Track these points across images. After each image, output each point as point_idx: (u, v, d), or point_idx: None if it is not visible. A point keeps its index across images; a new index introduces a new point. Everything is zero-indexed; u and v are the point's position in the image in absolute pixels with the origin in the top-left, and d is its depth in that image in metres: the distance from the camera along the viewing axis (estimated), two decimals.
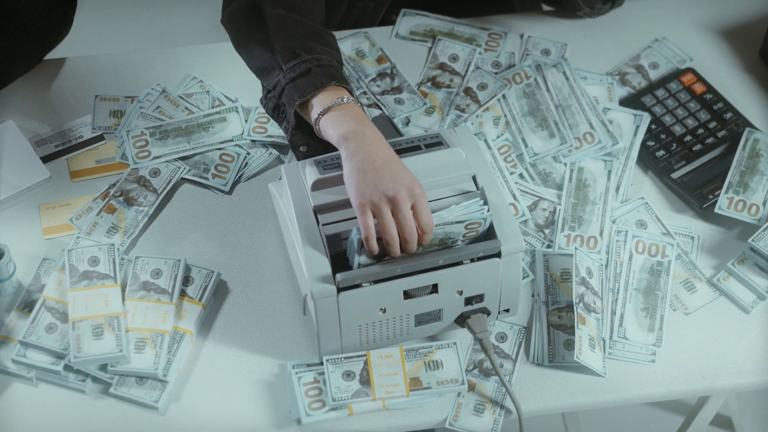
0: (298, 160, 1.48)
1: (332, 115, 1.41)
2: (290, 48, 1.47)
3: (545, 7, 1.97)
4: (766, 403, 2.37)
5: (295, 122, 1.48)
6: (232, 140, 1.67)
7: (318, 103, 1.43)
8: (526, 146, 1.68)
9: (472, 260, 1.39)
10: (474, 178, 1.44)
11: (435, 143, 1.47)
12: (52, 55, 1.80)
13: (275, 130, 1.68)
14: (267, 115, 1.69)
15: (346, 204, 1.40)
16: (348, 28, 1.88)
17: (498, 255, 1.39)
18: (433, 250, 1.38)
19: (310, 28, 1.51)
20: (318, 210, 1.40)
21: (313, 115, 1.43)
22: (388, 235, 1.34)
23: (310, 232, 1.39)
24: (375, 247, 1.34)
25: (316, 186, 1.41)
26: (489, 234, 1.40)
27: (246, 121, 1.69)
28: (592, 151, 1.66)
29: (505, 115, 1.72)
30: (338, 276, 1.35)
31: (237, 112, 1.70)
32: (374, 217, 1.34)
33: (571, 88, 1.74)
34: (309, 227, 1.39)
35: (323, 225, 1.39)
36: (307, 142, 1.50)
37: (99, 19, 2.79)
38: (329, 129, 1.40)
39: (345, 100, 1.42)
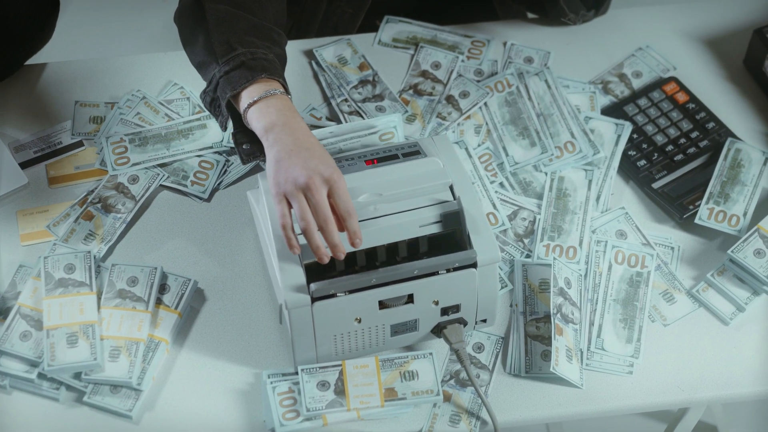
0: (242, 160, 1.49)
1: (258, 107, 1.41)
2: (227, 42, 1.46)
3: (529, 15, 1.97)
4: (752, 412, 2.37)
5: (230, 116, 1.48)
6: (211, 147, 1.67)
7: (247, 95, 1.43)
8: (507, 155, 1.67)
9: (447, 270, 1.39)
10: (451, 188, 1.43)
11: (412, 152, 1.46)
12: (32, 60, 1.79)
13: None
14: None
15: None
16: (328, 34, 1.88)
17: (474, 265, 1.39)
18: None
19: (252, 24, 1.50)
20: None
21: (242, 107, 1.43)
22: (302, 221, 1.34)
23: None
24: (291, 236, 1.35)
25: None
26: (465, 244, 1.39)
27: (226, 129, 1.68)
28: (572, 160, 1.66)
29: (487, 124, 1.72)
30: (313, 285, 1.35)
31: None
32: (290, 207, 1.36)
33: (552, 97, 1.73)
34: None
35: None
36: (250, 141, 1.49)
37: (80, 25, 2.78)
38: (254, 121, 1.41)
39: (273, 92, 1.42)
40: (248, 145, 1.49)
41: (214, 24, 1.49)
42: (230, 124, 1.51)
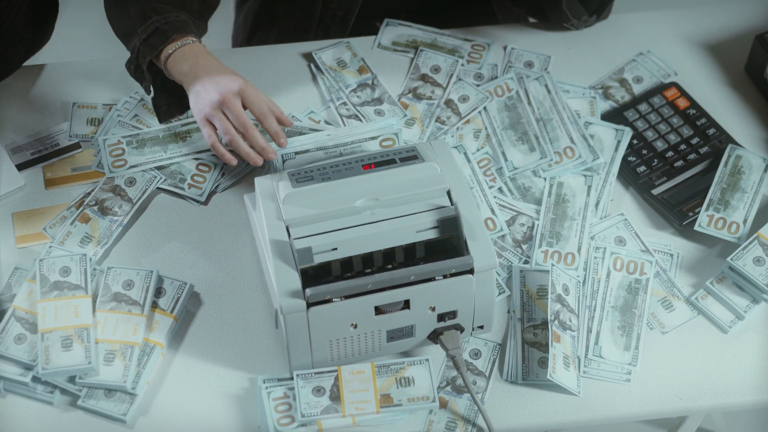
0: (160, 120, 1.66)
1: (174, 58, 1.58)
2: (142, 12, 1.61)
3: (530, 19, 1.96)
4: (753, 419, 2.35)
5: (152, 79, 1.63)
6: (209, 150, 1.66)
7: (164, 53, 1.59)
8: (506, 160, 1.67)
9: (444, 276, 1.38)
10: (449, 193, 1.43)
11: (410, 157, 1.45)
12: (30, 61, 1.78)
13: None
14: None
15: (318, 218, 1.39)
16: (322, 37, 1.87)
17: (471, 271, 1.38)
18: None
19: None
20: (290, 224, 1.39)
21: (162, 64, 1.59)
22: (225, 135, 1.52)
23: (281, 245, 1.37)
24: (224, 152, 1.54)
25: (289, 199, 1.40)
26: (462, 250, 1.39)
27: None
28: (572, 165, 1.65)
29: (486, 128, 1.71)
30: (308, 291, 1.34)
31: None
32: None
33: (552, 102, 1.72)
34: (280, 241, 1.38)
35: (294, 239, 1.37)
36: (168, 101, 1.66)
37: (79, 26, 2.78)
38: (174, 72, 1.58)
39: (186, 42, 1.59)
40: (167, 106, 1.66)
41: None
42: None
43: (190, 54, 1.58)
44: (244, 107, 1.55)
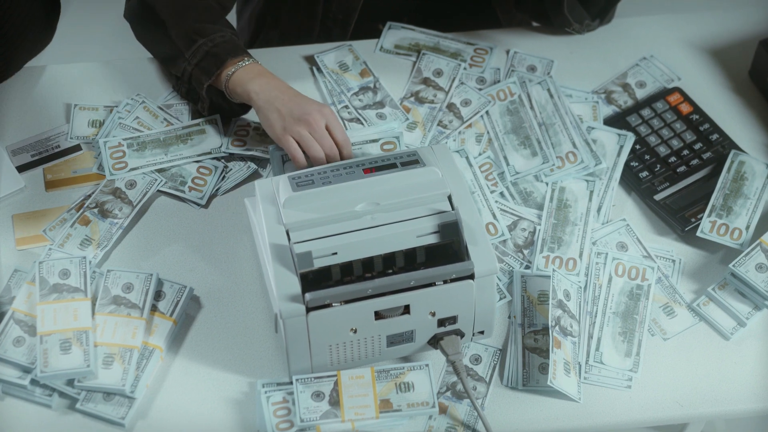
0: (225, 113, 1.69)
1: (236, 79, 1.59)
2: (185, 35, 1.62)
3: (533, 23, 1.95)
4: (755, 427, 2.34)
5: (210, 100, 1.65)
6: (210, 153, 1.65)
7: (224, 75, 1.60)
8: (508, 164, 1.66)
9: (444, 281, 1.37)
10: (449, 198, 1.42)
11: (411, 161, 1.45)
12: (31, 62, 1.78)
13: (254, 143, 1.66)
14: (246, 129, 1.68)
15: (318, 222, 1.39)
16: (323, 41, 1.87)
17: (471, 277, 1.37)
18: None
19: (200, 8, 1.66)
20: (290, 227, 1.38)
21: (223, 85, 1.61)
22: (312, 151, 1.51)
23: (281, 249, 1.37)
24: (304, 161, 1.52)
25: (289, 203, 1.39)
26: (462, 255, 1.38)
27: (225, 134, 1.67)
28: (574, 170, 1.64)
29: (488, 132, 1.70)
30: (308, 295, 1.33)
31: (216, 123, 1.68)
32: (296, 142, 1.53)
33: (555, 106, 1.72)
34: (280, 245, 1.37)
35: (294, 243, 1.37)
36: (219, 114, 1.69)
37: (80, 28, 2.77)
38: (238, 91, 1.59)
39: (245, 62, 1.60)
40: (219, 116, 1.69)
41: (168, 20, 1.64)
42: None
43: (253, 74, 1.59)
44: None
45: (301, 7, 1.87)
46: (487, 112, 1.72)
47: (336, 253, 1.37)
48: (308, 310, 1.34)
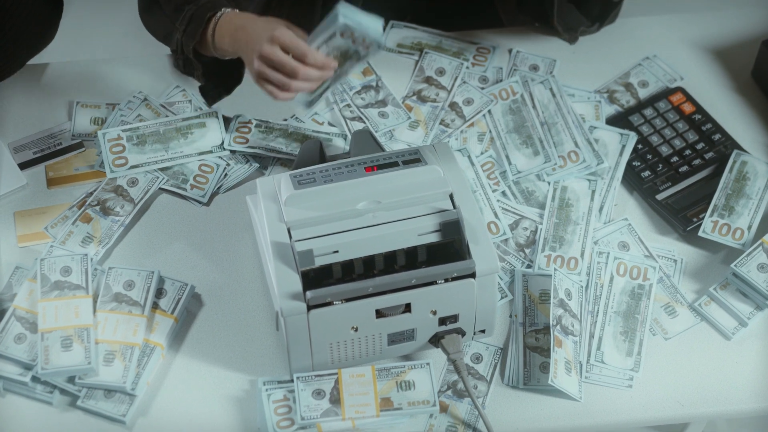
0: (208, 103, 1.70)
1: (219, 33, 1.58)
2: (176, 8, 1.62)
3: (536, 24, 1.95)
4: (756, 427, 2.34)
5: (203, 67, 1.64)
6: (211, 151, 1.65)
7: (207, 35, 1.59)
8: (510, 163, 1.66)
9: (446, 280, 1.37)
10: (451, 197, 1.42)
11: (413, 160, 1.45)
12: (33, 60, 1.78)
13: (257, 141, 1.66)
14: (248, 125, 1.68)
15: (319, 220, 1.39)
16: None
17: (472, 275, 1.37)
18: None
19: None
20: (291, 225, 1.38)
21: (211, 47, 1.60)
22: (279, 83, 1.48)
23: (283, 247, 1.37)
24: (286, 96, 1.50)
25: (290, 201, 1.39)
26: (464, 254, 1.38)
27: (227, 131, 1.67)
28: (576, 170, 1.64)
29: (490, 131, 1.70)
30: (309, 293, 1.33)
31: (216, 117, 1.68)
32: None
33: (557, 106, 1.72)
34: (281, 243, 1.37)
35: (296, 241, 1.37)
36: (214, 83, 1.68)
37: (83, 25, 2.77)
38: (220, 43, 1.58)
39: (222, 13, 1.58)
40: (213, 88, 1.69)
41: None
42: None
43: (226, 23, 1.57)
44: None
45: (303, 4, 1.86)
46: (489, 111, 1.72)
47: (337, 252, 1.37)
48: (309, 308, 1.34)
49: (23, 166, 1.65)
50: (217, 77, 1.68)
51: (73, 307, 1.45)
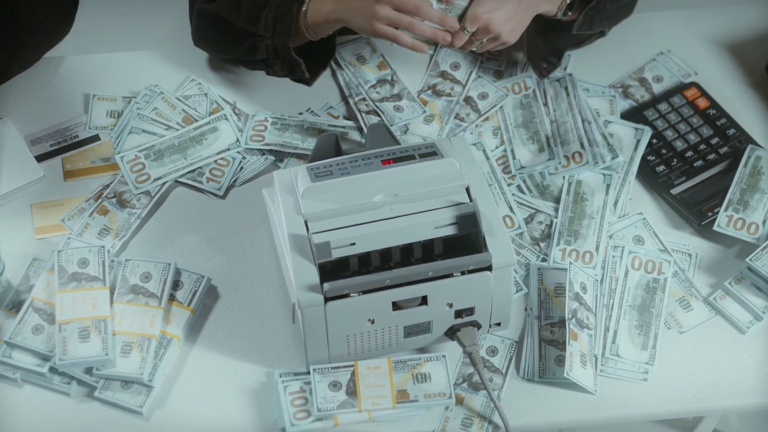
0: (309, 83, 1.71)
1: (311, 17, 1.61)
2: (250, 16, 1.63)
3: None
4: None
5: (302, 60, 1.65)
6: (228, 149, 1.66)
7: (301, 24, 1.61)
8: (514, 158, 1.66)
9: (462, 273, 1.38)
10: (468, 190, 1.42)
11: (429, 153, 1.45)
12: (50, 53, 1.79)
13: (273, 138, 1.67)
14: (264, 123, 1.68)
15: (336, 213, 1.39)
16: (340, 33, 1.86)
17: (489, 268, 1.38)
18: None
19: None
20: (308, 218, 1.39)
21: (306, 33, 1.62)
22: (407, 28, 1.56)
23: (300, 240, 1.37)
24: (413, 41, 1.58)
25: (307, 194, 1.40)
26: (480, 246, 1.38)
27: (241, 130, 1.67)
28: (578, 171, 1.64)
29: (500, 124, 1.71)
30: (326, 285, 1.34)
31: (227, 119, 1.68)
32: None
33: (570, 105, 1.72)
34: (298, 235, 1.38)
35: (313, 233, 1.37)
36: (310, 66, 1.69)
37: (99, 19, 2.78)
38: (321, 25, 1.61)
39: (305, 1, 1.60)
40: (311, 73, 1.70)
41: (230, 16, 1.63)
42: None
43: (316, 4, 1.60)
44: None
45: None
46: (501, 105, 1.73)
47: (354, 244, 1.37)
48: (326, 300, 1.35)
49: (40, 158, 1.66)
50: (311, 59, 1.70)
51: (91, 299, 1.46)
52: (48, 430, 1.40)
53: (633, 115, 1.74)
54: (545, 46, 1.75)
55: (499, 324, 1.46)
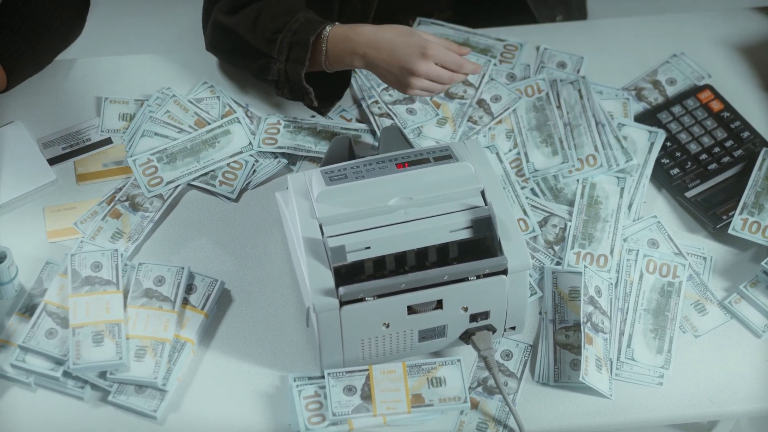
0: (323, 114, 1.70)
1: (331, 54, 1.58)
2: (266, 39, 1.60)
3: (560, 18, 1.94)
4: None
5: (313, 89, 1.62)
6: (241, 152, 1.65)
7: (315, 55, 1.59)
8: (528, 161, 1.66)
9: (477, 277, 1.37)
10: (483, 193, 1.42)
11: (444, 156, 1.45)
12: (61, 56, 1.78)
13: (286, 141, 1.66)
14: (276, 126, 1.67)
15: (351, 217, 1.38)
16: None
17: (504, 272, 1.37)
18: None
19: (271, 5, 1.63)
20: (323, 222, 1.38)
21: (322, 64, 1.60)
22: (441, 89, 1.56)
23: (315, 243, 1.37)
24: (442, 89, 1.57)
25: (322, 197, 1.39)
26: (495, 250, 1.38)
27: (253, 134, 1.67)
28: (593, 173, 1.64)
29: (513, 127, 1.70)
30: (341, 289, 1.33)
31: (239, 122, 1.68)
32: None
33: (583, 108, 1.71)
34: (313, 239, 1.37)
35: (328, 237, 1.37)
36: (324, 96, 1.68)
37: (110, 21, 2.78)
38: (335, 64, 1.59)
39: (326, 32, 1.58)
40: (327, 102, 1.70)
41: (246, 33, 1.62)
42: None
43: (341, 41, 1.57)
44: None
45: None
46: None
47: (369, 248, 1.37)
48: (341, 304, 1.34)
49: (52, 161, 1.65)
50: (326, 88, 1.68)
51: (104, 303, 1.45)
52: None
53: (647, 117, 1.73)
54: None
55: (513, 328, 1.46)
